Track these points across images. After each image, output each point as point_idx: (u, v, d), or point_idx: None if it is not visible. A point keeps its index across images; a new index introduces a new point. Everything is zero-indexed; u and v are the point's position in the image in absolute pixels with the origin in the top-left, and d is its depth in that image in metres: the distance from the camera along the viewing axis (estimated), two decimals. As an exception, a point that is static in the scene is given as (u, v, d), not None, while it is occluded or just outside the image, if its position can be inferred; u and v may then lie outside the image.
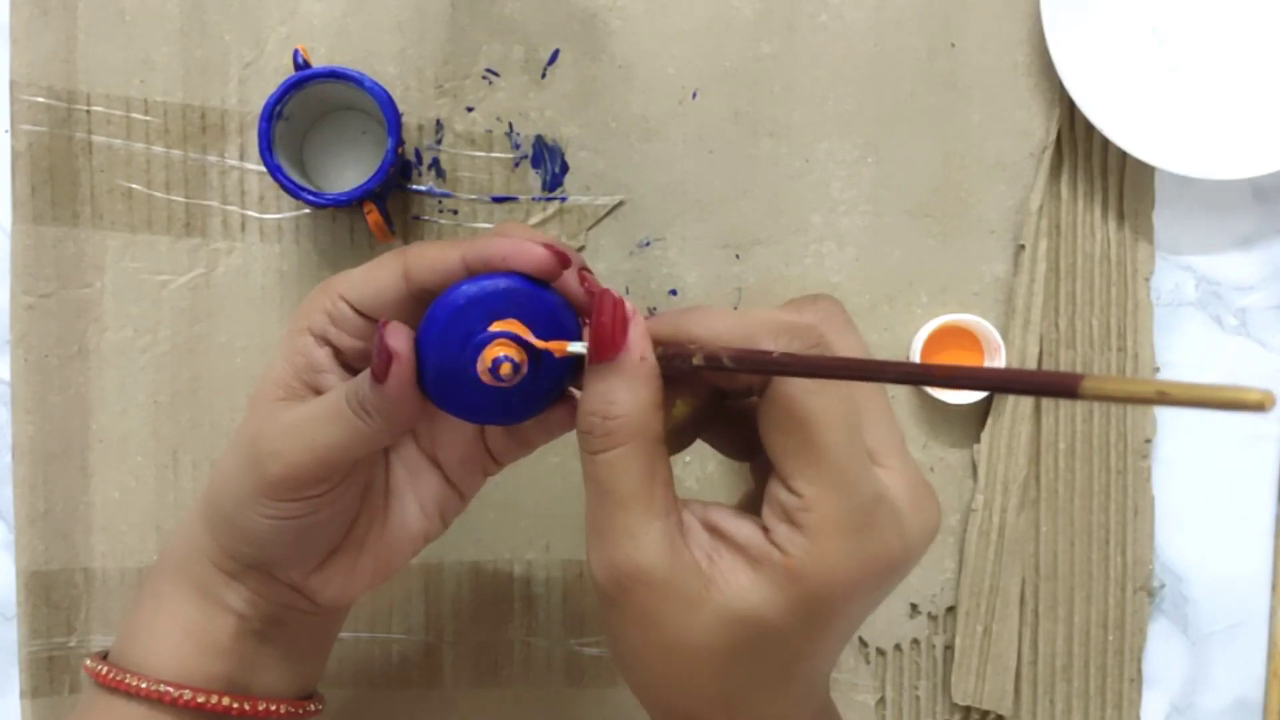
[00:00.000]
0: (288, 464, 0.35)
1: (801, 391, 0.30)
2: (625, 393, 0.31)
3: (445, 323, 0.33)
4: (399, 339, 0.33)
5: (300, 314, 0.37)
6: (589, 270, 0.36)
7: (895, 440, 0.33)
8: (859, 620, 0.32)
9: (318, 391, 0.37)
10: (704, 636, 0.31)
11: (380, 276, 0.36)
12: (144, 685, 0.38)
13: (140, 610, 0.40)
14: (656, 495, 0.31)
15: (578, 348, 0.33)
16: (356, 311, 0.37)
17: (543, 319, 0.34)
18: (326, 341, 0.37)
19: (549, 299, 0.34)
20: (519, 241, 0.34)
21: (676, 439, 0.34)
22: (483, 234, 0.35)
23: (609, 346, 0.31)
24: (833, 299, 0.34)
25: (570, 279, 0.35)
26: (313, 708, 0.42)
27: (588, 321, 0.35)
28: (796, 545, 0.30)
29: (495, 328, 0.33)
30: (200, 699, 0.38)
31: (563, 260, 0.34)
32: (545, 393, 0.35)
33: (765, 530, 0.31)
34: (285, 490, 0.35)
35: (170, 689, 0.38)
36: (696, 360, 0.31)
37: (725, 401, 0.35)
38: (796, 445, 0.30)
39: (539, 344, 0.33)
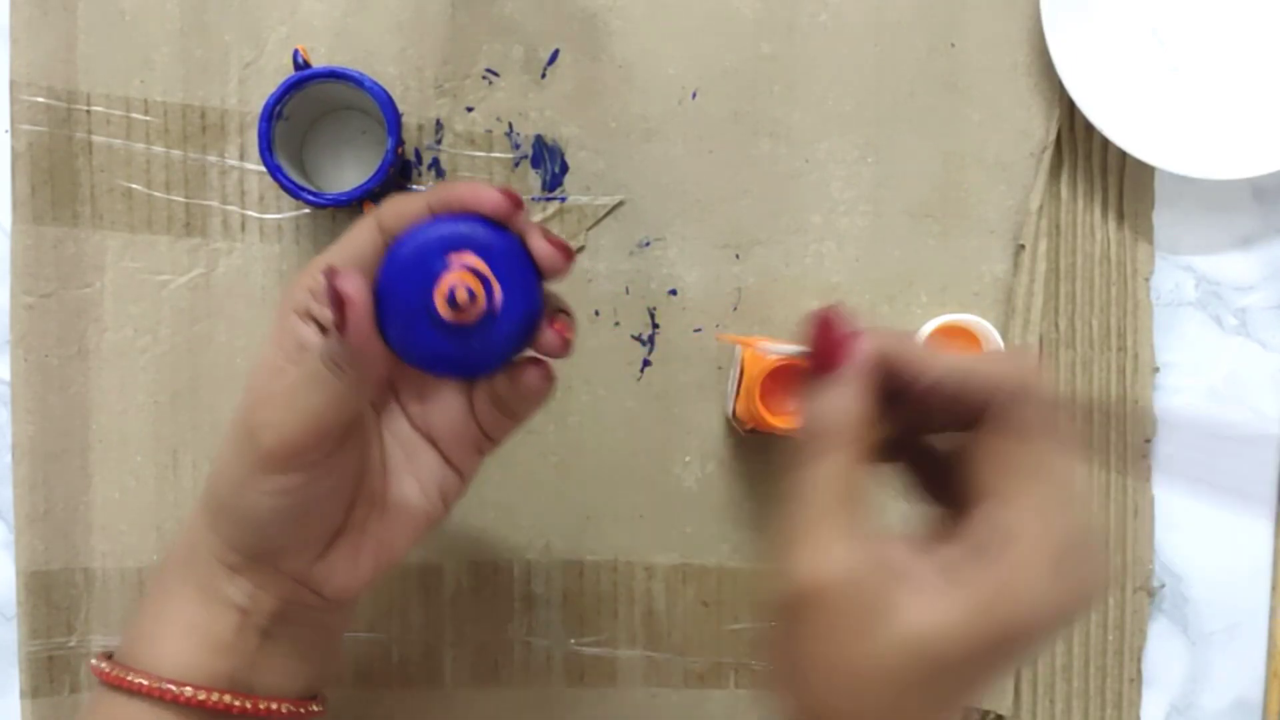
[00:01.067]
0: (278, 432, 0.35)
1: (1035, 425, 0.31)
2: (845, 400, 0.32)
3: (403, 261, 0.34)
4: (348, 282, 0.33)
5: (285, 296, 0.38)
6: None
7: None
8: (1032, 656, 0.32)
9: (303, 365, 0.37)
10: (885, 654, 0.30)
11: (355, 238, 0.37)
12: (146, 683, 0.38)
13: (144, 609, 0.40)
14: (856, 510, 0.32)
15: (786, 349, 0.34)
16: None
17: (500, 257, 0.34)
18: (311, 318, 0.38)
19: (504, 238, 0.35)
20: (476, 185, 0.36)
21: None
22: (447, 182, 0.36)
23: (832, 360, 0.33)
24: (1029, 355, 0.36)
25: (532, 234, 0.36)
26: (315, 708, 0.42)
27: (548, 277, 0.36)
28: (997, 576, 0.30)
29: (454, 258, 0.34)
30: (202, 696, 0.38)
31: (515, 202, 0.35)
32: (506, 339, 0.35)
33: (960, 562, 0.31)
34: (280, 461, 0.36)
35: (172, 686, 0.38)
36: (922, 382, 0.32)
37: (920, 440, 0.36)
38: (1021, 476, 0.31)
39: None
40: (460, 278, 0.34)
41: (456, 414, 0.40)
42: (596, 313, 0.56)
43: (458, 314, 0.34)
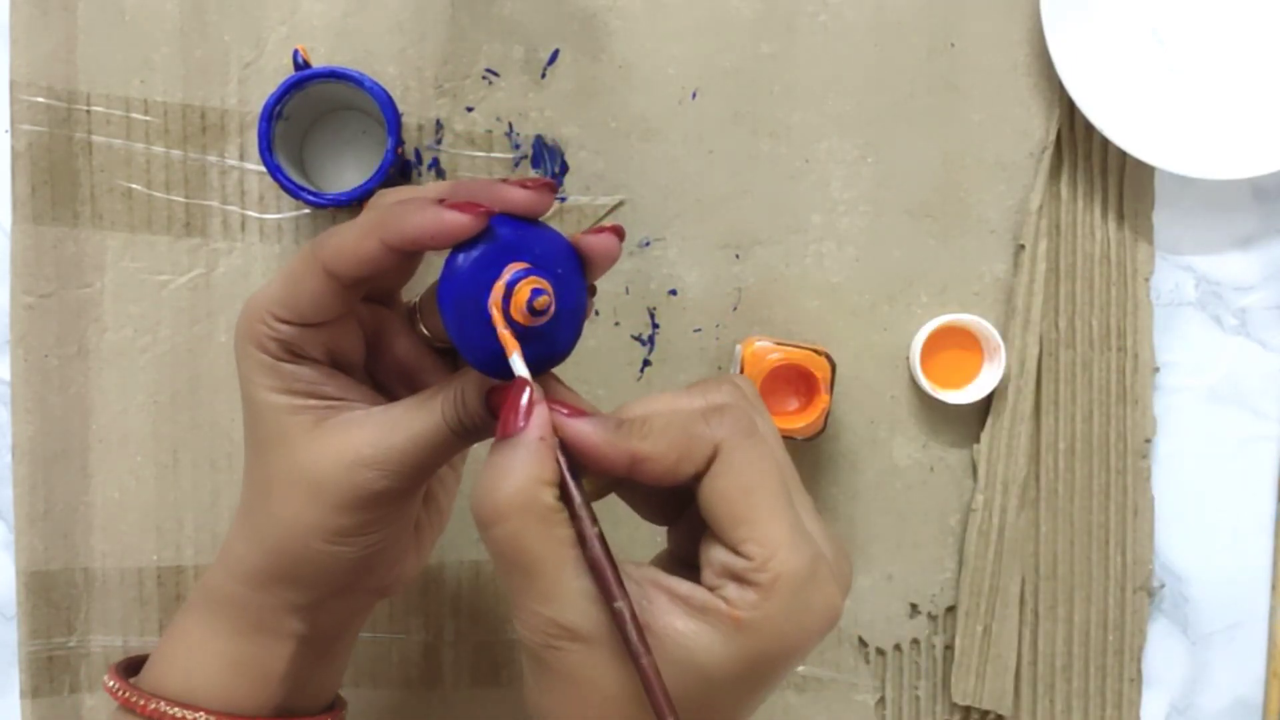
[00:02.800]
0: (403, 491, 0.35)
1: (747, 463, 0.31)
2: (519, 466, 0.31)
3: (466, 278, 0.33)
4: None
5: (250, 347, 0.36)
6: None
7: (808, 500, 0.33)
8: (786, 676, 0.33)
9: (329, 398, 0.37)
10: (633, 680, 0.30)
11: (304, 287, 0.35)
12: (185, 714, 0.37)
13: (179, 641, 0.39)
14: (566, 556, 0.31)
15: (519, 368, 0.33)
16: (300, 325, 0.36)
17: (549, 253, 0.34)
18: (299, 356, 0.36)
19: (542, 233, 0.34)
20: (437, 214, 0.33)
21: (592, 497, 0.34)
22: (387, 206, 0.35)
23: (509, 424, 0.32)
24: (739, 380, 0.34)
25: (582, 238, 0.35)
26: (342, 715, 0.42)
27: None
28: (747, 602, 0.30)
29: (511, 270, 0.33)
30: None
31: (482, 214, 0.33)
32: (571, 327, 0.35)
33: (709, 589, 0.31)
34: (397, 510, 0.36)
35: (213, 718, 0.37)
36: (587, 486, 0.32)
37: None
38: (745, 512, 0.31)
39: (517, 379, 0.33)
40: (533, 282, 0.33)
41: None
42: (597, 313, 0.56)
43: (537, 318, 0.33)
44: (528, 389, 0.32)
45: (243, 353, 0.36)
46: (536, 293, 0.33)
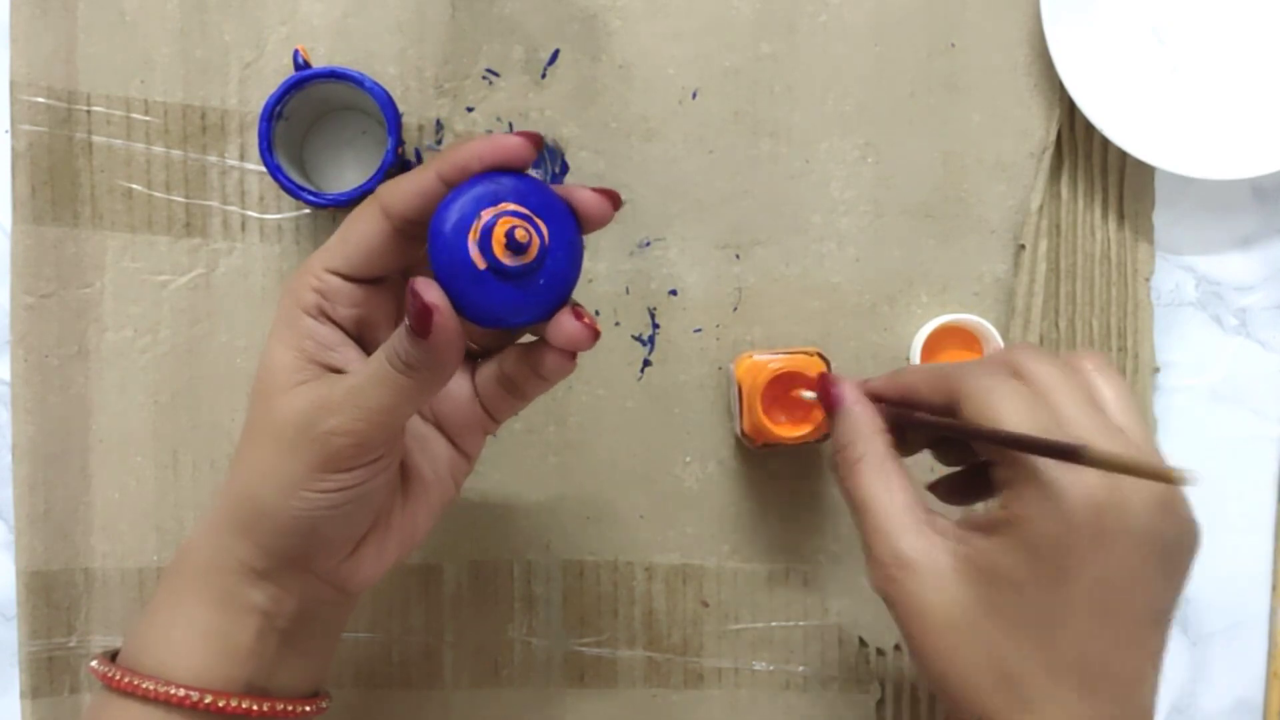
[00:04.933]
0: (349, 434, 0.35)
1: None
2: (847, 424, 0.40)
3: (448, 223, 0.35)
4: (433, 292, 0.34)
5: (288, 300, 0.38)
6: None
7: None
8: (1113, 585, 0.34)
9: (333, 368, 0.38)
10: (961, 600, 0.35)
11: (358, 231, 0.37)
12: (161, 689, 0.37)
13: (154, 616, 0.40)
14: (897, 497, 0.38)
15: (810, 396, 0.44)
16: (346, 279, 0.37)
17: (540, 203, 0.36)
18: (327, 318, 0.38)
19: (537, 186, 0.36)
20: (490, 137, 0.36)
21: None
22: (448, 147, 0.36)
23: (831, 405, 0.42)
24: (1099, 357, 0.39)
25: (575, 190, 0.38)
26: (323, 705, 0.42)
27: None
28: (1012, 500, 0.35)
29: (495, 209, 0.35)
30: (220, 703, 0.38)
31: (534, 140, 0.37)
32: (557, 281, 0.36)
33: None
34: (346, 461, 0.36)
35: (193, 693, 0.37)
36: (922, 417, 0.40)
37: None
38: (1014, 482, 0.36)
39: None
40: (514, 220, 0.35)
41: (463, 399, 0.41)
42: (597, 313, 0.56)
43: (518, 256, 0.35)
44: (836, 381, 0.42)
45: (280, 305, 0.38)
46: (516, 228, 0.35)
